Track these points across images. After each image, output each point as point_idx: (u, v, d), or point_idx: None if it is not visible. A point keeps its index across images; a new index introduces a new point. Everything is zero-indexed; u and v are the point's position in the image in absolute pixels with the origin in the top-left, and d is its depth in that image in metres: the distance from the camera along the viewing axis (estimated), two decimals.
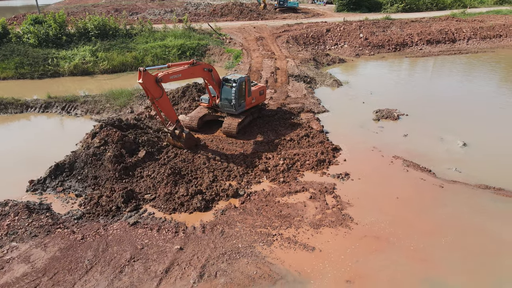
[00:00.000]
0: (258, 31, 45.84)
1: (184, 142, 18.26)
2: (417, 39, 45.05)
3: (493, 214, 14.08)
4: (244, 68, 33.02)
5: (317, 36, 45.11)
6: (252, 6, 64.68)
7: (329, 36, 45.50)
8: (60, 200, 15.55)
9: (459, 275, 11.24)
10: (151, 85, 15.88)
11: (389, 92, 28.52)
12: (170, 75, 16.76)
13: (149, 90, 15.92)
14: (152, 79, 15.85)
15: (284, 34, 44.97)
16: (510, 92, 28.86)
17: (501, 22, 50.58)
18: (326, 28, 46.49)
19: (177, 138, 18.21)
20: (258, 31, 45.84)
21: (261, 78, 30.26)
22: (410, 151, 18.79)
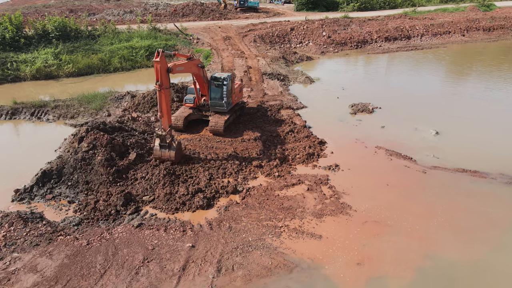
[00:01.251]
0: (224, 31, 45.99)
1: (175, 152, 16.85)
2: (376, 36, 47.32)
3: (473, 194, 15.44)
4: (216, 68, 33.14)
5: (282, 34, 46.05)
6: (213, 6, 64.61)
7: (293, 34, 46.60)
8: (52, 208, 15.05)
9: (454, 250, 12.31)
10: (164, 71, 15.61)
11: (359, 87, 29.90)
12: (177, 66, 16.81)
13: (162, 74, 15.48)
14: (166, 65, 15.77)
15: (250, 33, 45.48)
16: (468, 84, 31.27)
17: (449, 19, 54.30)
18: (290, 27, 47.57)
19: (167, 147, 16.84)
20: (224, 31, 45.99)
21: (235, 77, 30.55)
22: (390, 141, 19.98)
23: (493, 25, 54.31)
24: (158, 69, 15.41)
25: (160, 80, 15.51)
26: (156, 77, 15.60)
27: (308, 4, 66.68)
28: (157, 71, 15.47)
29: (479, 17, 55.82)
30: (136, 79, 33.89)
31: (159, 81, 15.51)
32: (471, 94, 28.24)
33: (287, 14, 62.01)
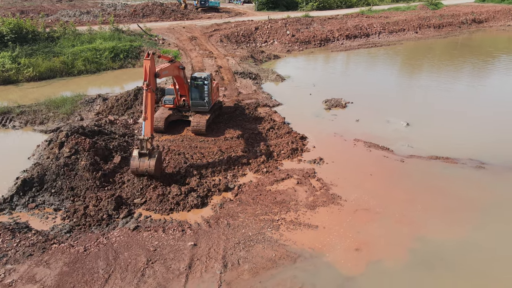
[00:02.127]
0: (189, 31, 45.64)
1: (155, 163, 15.14)
2: (338, 34, 48.97)
3: (447, 178, 16.66)
4: (187, 68, 32.87)
5: (247, 34, 46.49)
6: (173, 6, 63.80)
7: (258, 34, 47.16)
8: (37, 217, 14.49)
9: (440, 231, 13.29)
10: (152, 74, 15.35)
11: (329, 83, 30.97)
12: (163, 71, 16.59)
13: (150, 76, 15.15)
14: (154, 68, 15.53)
15: (216, 33, 45.50)
16: (430, 77, 33.29)
17: (402, 17, 57.24)
18: (255, 27, 48.11)
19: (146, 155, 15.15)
20: (189, 31, 45.64)
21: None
22: (366, 134, 20.97)
23: (442, 22, 57.92)
24: (146, 69, 15.17)
25: (148, 80, 15.29)
26: (145, 77, 15.36)
27: (268, 4, 67.59)
28: (146, 71, 15.23)
29: (429, 15, 59.29)
30: (102, 82, 32.94)
31: (147, 81, 15.27)
32: (435, 87, 30.15)
33: (249, 13, 62.51)
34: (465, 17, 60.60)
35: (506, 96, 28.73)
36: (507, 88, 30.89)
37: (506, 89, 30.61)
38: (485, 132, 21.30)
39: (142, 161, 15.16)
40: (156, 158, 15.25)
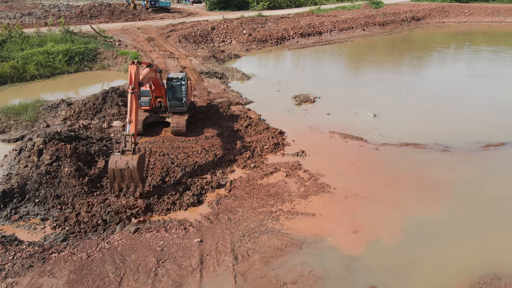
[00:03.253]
0: (144, 32, 44.68)
1: (139, 159, 14.10)
2: (292, 33, 50.44)
3: (419, 162, 18.19)
4: None
5: (204, 34, 46.46)
6: (122, 7, 61.91)
7: (215, 33, 47.30)
8: (24, 228, 13.83)
9: (424, 209, 14.57)
10: (138, 79, 15.11)
11: (293, 79, 32.03)
12: (145, 78, 16.36)
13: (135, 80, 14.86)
14: (139, 76, 15.30)
15: (173, 34, 44.99)
16: (383, 70, 35.54)
17: (350, 16, 60.16)
18: (211, 27, 48.18)
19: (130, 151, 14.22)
20: (144, 32, 44.68)
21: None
22: (339, 126, 22.14)
23: (386, 20, 61.66)
24: (132, 74, 14.92)
25: (133, 84, 15.01)
26: (130, 81, 15.07)
27: (220, 4, 67.80)
28: (131, 76, 14.95)
29: (374, 14, 62.84)
30: (58, 86, 31.46)
31: (132, 85, 14.99)
32: (391, 79, 32.32)
33: (201, 14, 62.31)
34: (405, 15, 64.97)
35: (454, 85, 31.48)
36: (454, 78, 33.81)
37: (453, 79, 33.49)
38: (443, 119, 23.35)
39: (123, 159, 13.87)
40: (139, 155, 14.11)
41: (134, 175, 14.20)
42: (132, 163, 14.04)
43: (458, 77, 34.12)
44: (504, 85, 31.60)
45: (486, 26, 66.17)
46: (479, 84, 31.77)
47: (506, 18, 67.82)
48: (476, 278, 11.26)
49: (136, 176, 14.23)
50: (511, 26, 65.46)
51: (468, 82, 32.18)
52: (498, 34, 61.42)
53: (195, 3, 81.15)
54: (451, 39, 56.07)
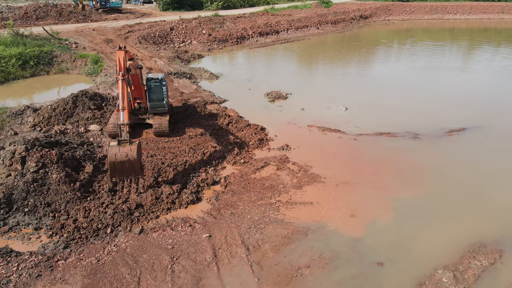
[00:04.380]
0: (100, 34, 43.20)
1: (137, 149, 14.22)
2: (251, 32, 51.18)
3: (395, 149, 19.59)
4: (115, 72, 31.55)
5: (164, 35, 45.88)
6: (69, 7, 59.17)
7: (174, 34, 46.84)
8: (16, 240, 13.25)
9: (408, 190, 15.82)
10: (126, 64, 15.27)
11: (262, 77, 32.70)
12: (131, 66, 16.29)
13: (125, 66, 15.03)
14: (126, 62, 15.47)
15: (131, 35, 43.94)
16: (345, 66, 37.31)
17: (304, 15, 62.07)
18: (170, 27, 47.63)
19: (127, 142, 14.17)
20: (100, 34, 43.20)
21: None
22: (315, 120, 23.13)
23: (337, 18, 64.36)
24: (120, 60, 14.90)
25: (123, 70, 14.95)
26: (119, 67, 14.94)
27: (173, 4, 66.98)
28: (120, 62, 14.90)
29: (325, 13, 65.33)
30: (13, 92, 29.81)
31: (122, 71, 14.92)
32: (355, 73, 34.05)
33: (155, 14, 61.25)
34: (354, 13, 68.19)
35: (412, 77, 33.83)
36: (410, 71, 36.27)
37: (409, 72, 35.92)
38: (408, 109, 25.17)
39: (122, 147, 14.04)
40: (137, 145, 14.24)
41: (134, 165, 14.36)
42: (131, 154, 14.13)
43: (414, 70, 36.64)
44: (455, 76, 34.51)
45: (426, 23, 71.23)
46: (434, 75, 34.41)
47: (443, 15, 73.44)
48: (466, 246, 12.57)
49: (136, 166, 14.40)
50: (448, 23, 70.96)
51: (424, 74, 34.70)
52: (437, 30, 66.32)
53: (146, 3, 79.50)
54: (397, 35, 59.75)
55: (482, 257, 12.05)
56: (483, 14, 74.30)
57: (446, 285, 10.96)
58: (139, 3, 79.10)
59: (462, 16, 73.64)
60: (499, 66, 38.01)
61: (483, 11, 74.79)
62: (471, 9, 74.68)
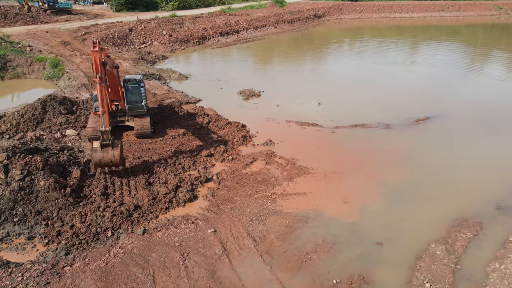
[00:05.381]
0: (55, 36, 41.29)
1: (120, 152, 15.59)
2: (212, 32, 51.23)
3: (371, 139, 20.81)
4: (79, 75, 30.50)
5: (122, 36, 44.75)
6: (14, 9, 55.77)
7: (133, 35, 45.82)
8: (10, 251, 12.72)
9: (392, 176, 16.97)
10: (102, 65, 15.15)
11: (231, 76, 33.05)
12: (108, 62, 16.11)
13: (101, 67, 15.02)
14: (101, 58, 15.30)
15: (88, 37, 42.42)
16: (311, 62, 38.58)
17: (261, 14, 63.01)
18: (128, 28, 46.52)
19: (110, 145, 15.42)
20: (55, 36, 41.29)
21: None
22: (292, 115, 23.92)
23: (293, 18, 65.98)
24: (97, 61, 14.74)
25: (100, 72, 14.80)
26: (96, 69, 14.82)
27: (127, 4, 65.24)
28: (96, 63, 14.76)
29: (281, 12, 66.72)
30: None
31: (99, 73, 14.77)
32: (320, 69, 35.34)
33: (110, 15, 59.44)
34: (308, 13, 70.25)
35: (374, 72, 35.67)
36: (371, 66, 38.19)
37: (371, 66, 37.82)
38: (376, 101, 26.69)
39: (105, 152, 15.36)
40: (119, 148, 15.60)
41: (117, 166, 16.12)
42: (115, 160, 15.59)
43: (375, 65, 38.66)
44: (412, 69, 36.87)
45: (375, 21, 74.96)
46: (393, 69, 36.63)
47: (390, 14, 77.71)
48: (450, 222, 13.84)
49: (119, 163, 15.95)
50: (394, 21, 75.19)
51: (384, 69, 36.78)
52: (385, 28, 70.02)
53: (95, 3, 76.79)
54: (351, 33, 62.40)
55: (466, 230, 13.35)
56: (425, 12, 79.59)
57: (440, 257, 12.06)
58: (89, 4, 76.23)
59: (406, 14, 78.38)
60: (449, 60, 41.13)
61: (424, 9, 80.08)
62: (414, 8, 79.69)
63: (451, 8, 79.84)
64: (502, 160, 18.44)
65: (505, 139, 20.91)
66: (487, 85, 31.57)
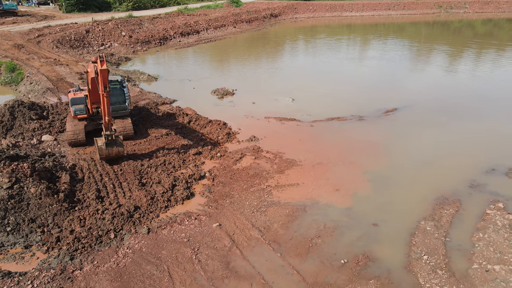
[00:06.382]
0: (6, 39, 39.02)
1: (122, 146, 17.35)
2: (173, 32, 50.70)
3: (348, 131, 21.95)
4: (41, 79, 29.16)
5: (80, 38, 43.18)
6: None
7: (91, 37, 44.35)
8: (7, 261, 12.28)
9: (374, 164, 18.07)
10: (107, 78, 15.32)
11: (200, 76, 33.12)
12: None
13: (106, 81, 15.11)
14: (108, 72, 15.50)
15: (43, 39, 40.50)
16: (276, 60, 39.46)
17: (219, 14, 63.20)
18: (85, 29, 44.94)
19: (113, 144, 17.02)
20: (6, 39, 39.02)
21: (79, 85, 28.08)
22: (269, 112, 24.59)
23: (250, 17, 66.82)
24: (105, 77, 14.90)
25: (107, 86, 14.93)
26: (105, 83, 14.86)
27: (78, 5, 62.80)
28: (105, 79, 14.90)
29: (239, 12, 67.30)
30: None
31: (107, 88, 14.94)
32: (287, 66, 36.27)
33: (61, 16, 56.98)
34: (265, 12, 71.42)
35: (339, 67, 37.27)
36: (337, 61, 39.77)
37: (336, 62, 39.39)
38: (345, 95, 28.08)
39: (110, 149, 17.01)
40: (122, 144, 17.37)
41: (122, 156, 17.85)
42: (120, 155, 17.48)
43: (337, 60, 40.41)
44: (371, 64, 38.89)
45: (328, 20, 77.70)
46: (354, 65, 38.47)
47: (342, 13, 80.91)
48: (433, 201, 15.13)
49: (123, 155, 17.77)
50: (346, 19, 78.37)
51: (345, 64, 38.55)
52: (338, 26, 72.82)
53: (41, 4, 73.10)
54: (307, 32, 64.30)
55: (448, 207, 14.69)
56: (374, 11, 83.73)
57: (431, 232, 13.23)
58: (34, 5, 72.40)
59: (357, 13, 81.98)
60: (399, 55, 43.83)
61: (373, 8, 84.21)
62: (364, 7, 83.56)
63: (397, 7, 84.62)
64: (467, 144, 20.27)
65: (467, 124, 22.91)
66: (440, 76, 34.13)
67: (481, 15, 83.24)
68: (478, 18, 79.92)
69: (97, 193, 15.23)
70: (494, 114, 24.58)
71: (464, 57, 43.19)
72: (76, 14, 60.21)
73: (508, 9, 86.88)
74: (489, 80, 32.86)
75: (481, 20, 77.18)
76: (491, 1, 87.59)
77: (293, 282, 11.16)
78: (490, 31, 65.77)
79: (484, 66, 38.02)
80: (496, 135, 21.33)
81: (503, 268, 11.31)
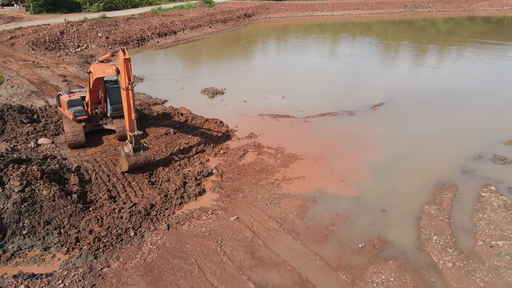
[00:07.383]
0: None
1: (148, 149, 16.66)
2: (150, 33, 50.19)
3: (340, 125, 22.87)
4: (23, 82, 28.33)
5: (54, 39, 42.03)
6: None
7: (66, 38, 43.25)
8: (27, 264, 12.20)
9: (372, 155, 18.99)
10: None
11: (187, 76, 33.22)
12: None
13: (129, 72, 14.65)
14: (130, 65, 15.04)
15: (16, 41, 39.20)
16: (258, 59, 40.01)
17: (194, 14, 63.04)
18: (59, 31, 43.73)
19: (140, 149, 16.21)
20: None
21: (63, 87, 27.54)
22: (262, 109, 25.13)
23: (225, 17, 67.08)
24: (129, 68, 14.62)
25: (131, 78, 14.74)
26: (129, 75, 14.66)
27: (46, 6, 60.85)
28: (129, 70, 14.62)
29: (213, 12, 67.38)
30: None
31: (131, 80, 14.73)
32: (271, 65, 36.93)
33: (29, 17, 55.10)
34: (239, 12, 71.87)
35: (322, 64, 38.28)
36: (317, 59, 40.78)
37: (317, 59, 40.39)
38: (332, 91, 29.05)
39: (138, 155, 16.24)
40: (149, 149, 16.71)
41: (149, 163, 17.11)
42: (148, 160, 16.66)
43: (319, 58, 41.51)
44: (353, 61, 40.26)
45: (300, 19, 79.22)
46: (335, 62, 39.68)
47: (313, 12, 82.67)
48: (432, 187, 16.21)
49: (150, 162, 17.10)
50: (317, 19, 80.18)
51: (327, 62, 39.69)
52: (310, 25, 74.40)
53: (5, 6, 70.23)
54: (280, 31, 65.32)
55: (447, 192, 15.79)
56: (343, 10, 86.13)
57: (435, 215, 14.23)
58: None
59: (328, 13, 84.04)
60: (368, 52, 45.62)
61: (342, 8, 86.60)
62: (334, 6, 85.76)
63: (365, 6, 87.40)
64: (453, 134, 21.64)
65: (450, 116, 24.38)
66: (416, 72, 35.89)
67: (444, 13, 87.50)
68: (441, 16, 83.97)
69: (108, 193, 15.23)
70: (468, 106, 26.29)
71: (431, 53, 45.49)
72: (45, 15, 58.29)
73: (469, 7, 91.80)
74: (458, 74, 34.92)
75: (443, 19, 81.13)
76: (452, 0, 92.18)
77: (318, 266, 11.76)
78: (451, 29, 69.31)
79: (447, 61, 40.30)
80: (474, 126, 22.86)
81: (505, 243, 12.41)
